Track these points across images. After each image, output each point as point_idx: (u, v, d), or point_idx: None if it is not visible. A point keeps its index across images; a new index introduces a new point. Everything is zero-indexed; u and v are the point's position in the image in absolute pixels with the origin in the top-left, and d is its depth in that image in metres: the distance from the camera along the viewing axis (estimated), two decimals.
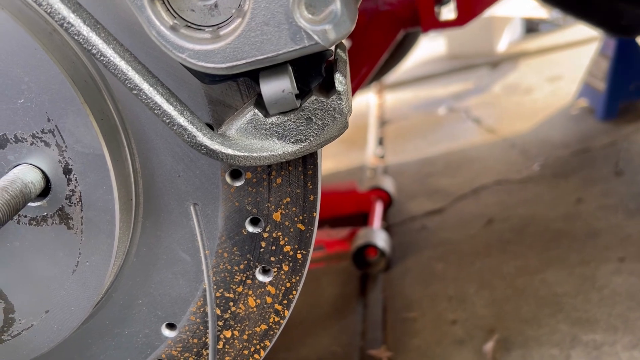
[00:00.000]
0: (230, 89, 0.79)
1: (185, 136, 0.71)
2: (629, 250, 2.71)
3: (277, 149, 0.75)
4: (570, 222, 3.06)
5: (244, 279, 0.91)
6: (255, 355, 0.95)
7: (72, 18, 0.65)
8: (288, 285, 0.91)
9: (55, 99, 0.75)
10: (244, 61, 0.67)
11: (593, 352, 2.22)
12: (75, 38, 0.66)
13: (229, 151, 0.73)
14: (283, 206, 0.86)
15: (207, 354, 0.95)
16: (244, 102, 0.80)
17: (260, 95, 0.73)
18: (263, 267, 0.91)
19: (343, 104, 0.73)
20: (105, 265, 0.82)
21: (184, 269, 0.91)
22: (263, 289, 0.91)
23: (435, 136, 4.75)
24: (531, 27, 6.96)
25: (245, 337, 0.94)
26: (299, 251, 0.89)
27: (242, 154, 0.73)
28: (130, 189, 0.83)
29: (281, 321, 0.92)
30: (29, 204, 0.80)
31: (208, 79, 0.73)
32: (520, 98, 5.11)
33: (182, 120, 0.71)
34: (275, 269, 0.90)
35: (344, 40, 0.72)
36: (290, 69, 0.71)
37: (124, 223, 0.82)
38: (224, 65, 0.67)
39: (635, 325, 2.30)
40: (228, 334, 0.94)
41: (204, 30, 0.69)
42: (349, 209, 3.45)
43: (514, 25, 6.80)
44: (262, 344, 0.95)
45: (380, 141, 4.95)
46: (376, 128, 5.24)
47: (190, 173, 0.85)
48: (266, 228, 0.88)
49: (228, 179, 0.85)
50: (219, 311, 0.92)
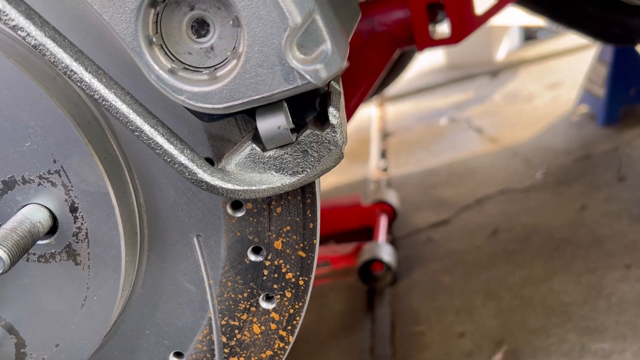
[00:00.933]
0: (228, 124, 0.82)
1: (187, 174, 0.74)
2: (635, 256, 2.72)
3: (276, 181, 0.77)
4: (574, 230, 3.07)
5: (248, 306, 0.93)
6: None
7: (75, 66, 0.68)
8: (291, 311, 0.93)
9: (60, 141, 0.78)
10: (240, 101, 0.69)
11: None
12: (78, 85, 0.69)
13: (229, 186, 0.75)
14: (284, 234, 0.88)
15: None
16: (242, 136, 0.82)
17: (257, 129, 0.76)
18: (266, 295, 0.93)
19: (337, 136, 0.76)
20: (112, 299, 0.85)
21: (190, 298, 0.93)
22: (267, 316, 0.93)
23: (438, 147, 4.77)
24: (529, 35, 7.00)
25: None
26: (300, 278, 0.91)
27: (242, 188, 0.76)
28: (135, 224, 0.85)
29: (286, 347, 0.94)
30: (38, 242, 0.82)
31: (207, 117, 0.76)
32: (521, 106, 5.13)
33: (183, 158, 0.74)
34: (279, 296, 0.92)
35: None
36: (285, 105, 0.73)
37: (129, 257, 0.85)
38: (221, 106, 0.70)
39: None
40: None
41: (201, 72, 0.72)
42: (354, 224, 3.46)
43: (512, 33, 6.84)
44: None
45: (383, 154, 4.97)
46: (378, 141, 5.27)
47: (193, 206, 0.88)
48: (268, 256, 0.90)
49: (229, 210, 0.88)
50: (224, 339, 0.94)
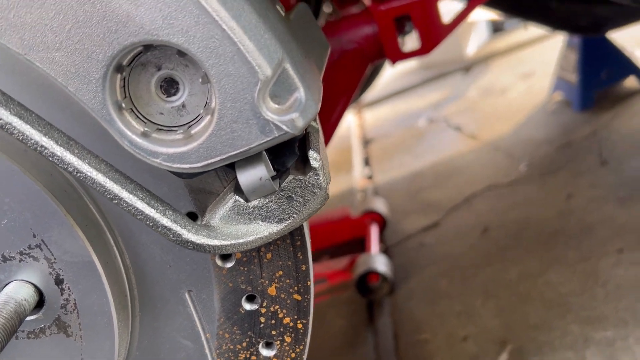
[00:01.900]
0: (208, 177, 0.80)
1: (171, 236, 0.72)
2: (626, 240, 2.73)
3: (263, 231, 0.76)
4: (564, 220, 3.08)
5: (248, 356, 0.91)
6: None
7: (45, 141, 0.66)
8: (293, 355, 0.91)
9: (38, 214, 0.75)
10: (218, 158, 0.68)
11: (607, 350, 2.23)
12: (50, 159, 0.67)
13: (216, 242, 0.74)
14: (277, 280, 0.87)
15: None
16: (224, 186, 0.81)
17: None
18: (266, 342, 0.91)
19: (321, 179, 0.74)
20: None
21: (188, 355, 0.91)
22: None
23: (420, 149, 4.78)
24: (497, 27, 7.06)
25: None
26: (299, 321, 0.89)
27: (229, 242, 0.74)
28: (124, 287, 0.83)
29: None
30: (26, 319, 0.80)
31: (185, 174, 0.74)
32: (496, 99, 5.17)
33: (166, 221, 0.72)
34: (278, 342, 0.90)
35: None
36: (264, 155, 0.72)
37: (121, 322, 0.82)
38: (199, 165, 0.68)
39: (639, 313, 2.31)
40: None
41: (175, 131, 0.71)
42: (345, 237, 3.45)
43: (480, 27, 6.90)
44: None
45: (366, 161, 4.97)
46: (360, 149, 5.27)
47: (181, 262, 0.86)
48: (263, 303, 0.88)
49: (219, 262, 0.86)
50: None
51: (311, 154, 0.74)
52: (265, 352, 0.91)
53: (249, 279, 0.87)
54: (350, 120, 6.07)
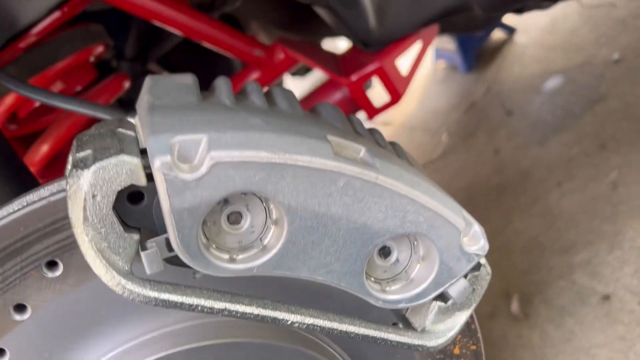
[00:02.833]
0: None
1: (414, 348, 1.02)
2: (558, 173, 3.29)
3: (461, 319, 1.08)
4: (501, 173, 3.61)
5: None
6: None
7: (320, 321, 0.94)
8: None
9: None
10: (442, 289, 0.99)
11: (588, 269, 2.75)
12: (319, 331, 0.95)
13: (440, 341, 1.05)
14: (458, 341, 1.19)
15: None
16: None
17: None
18: None
19: (488, 269, 1.08)
20: None
21: None
22: None
23: None
24: None
25: None
26: None
27: (447, 337, 1.06)
28: None
29: None
30: None
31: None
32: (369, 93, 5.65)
33: (410, 339, 1.02)
34: None
35: None
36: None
37: None
38: (428, 299, 0.99)
39: (602, 231, 2.86)
40: None
41: (400, 279, 1.01)
42: None
43: None
44: None
45: None
46: None
47: (394, 358, 1.16)
48: None
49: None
50: None
51: (483, 262, 1.07)
52: None
53: (442, 350, 1.19)
54: None
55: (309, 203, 0.86)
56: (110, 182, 0.80)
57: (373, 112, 2.13)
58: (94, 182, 0.79)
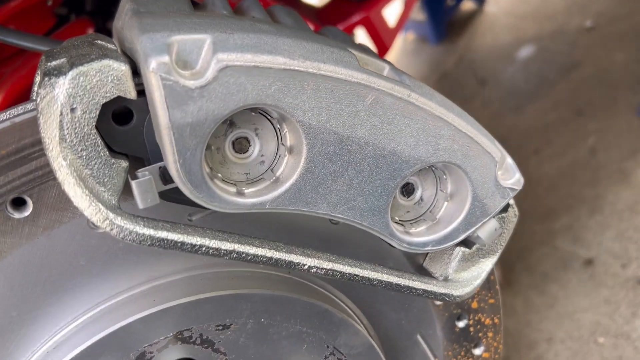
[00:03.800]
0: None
1: (432, 296, 0.91)
2: (535, 140, 3.24)
3: (487, 266, 0.97)
4: None
5: None
6: None
7: (327, 264, 0.81)
8: (495, 344, 1.14)
9: (328, 328, 0.90)
10: (474, 227, 0.87)
11: (570, 234, 2.71)
12: (327, 276, 0.82)
13: (468, 289, 0.93)
14: (476, 295, 1.08)
15: None
16: None
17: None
18: (475, 344, 1.13)
19: (516, 210, 0.97)
20: None
21: None
22: (480, 358, 1.14)
23: None
24: None
25: None
26: (495, 317, 1.12)
27: (471, 288, 0.94)
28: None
29: None
30: None
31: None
32: None
33: (431, 286, 0.90)
34: (484, 340, 1.13)
35: None
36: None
37: None
38: (455, 241, 0.88)
39: (582, 196, 2.82)
40: None
41: (424, 220, 0.89)
42: None
43: None
44: None
45: None
46: None
47: (410, 314, 1.04)
48: (470, 317, 1.10)
49: (437, 302, 1.05)
50: None
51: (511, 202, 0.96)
52: (477, 352, 1.13)
53: (458, 303, 1.07)
54: None
55: (332, 123, 0.72)
56: (93, 92, 0.64)
57: None
58: (73, 92, 0.63)
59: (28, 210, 0.74)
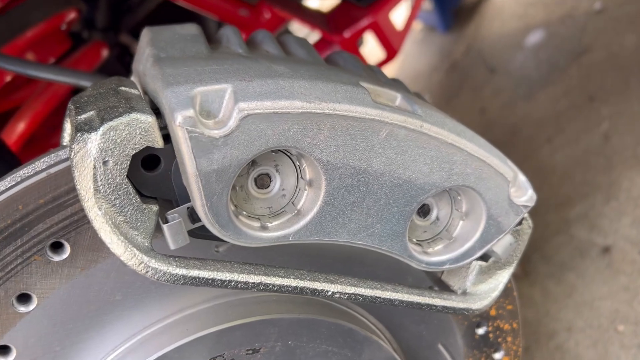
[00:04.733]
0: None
1: (450, 311, 0.94)
2: (547, 129, 3.24)
3: (503, 277, 1.00)
4: (490, 132, 3.55)
5: None
6: None
7: (358, 290, 0.85)
8: (514, 348, 1.18)
9: (352, 345, 0.94)
10: (489, 245, 0.90)
11: (585, 222, 2.72)
12: (351, 300, 0.86)
13: (486, 302, 0.97)
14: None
15: None
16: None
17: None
18: (495, 349, 1.16)
19: (530, 223, 1.00)
20: None
21: None
22: None
23: None
24: None
25: None
26: (513, 323, 1.15)
27: (490, 300, 0.98)
28: None
29: None
30: None
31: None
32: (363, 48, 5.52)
33: (449, 302, 0.94)
34: (504, 344, 1.16)
35: None
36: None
37: None
38: (470, 259, 0.91)
39: (597, 184, 2.82)
40: None
41: (441, 239, 0.92)
42: None
43: None
44: None
45: None
46: None
47: (430, 325, 1.08)
48: (489, 324, 1.13)
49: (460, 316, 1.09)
50: None
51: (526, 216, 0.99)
52: (497, 356, 1.17)
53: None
54: None
55: (349, 158, 0.75)
56: (123, 145, 0.68)
57: None
58: (104, 146, 0.67)
59: (66, 253, 0.78)
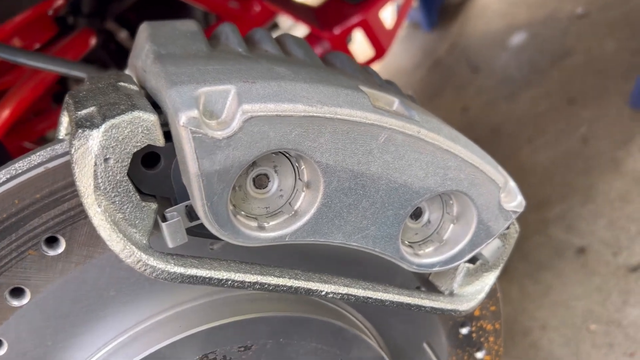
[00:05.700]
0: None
1: (438, 312, 0.96)
2: (528, 128, 3.29)
3: (490, 279, 1.02)
4: (471, 129, 3.59)
5: None
6: None
7: (344, 289, 0.86)
8: (496, 347, 1.21)
9: (342, 344, 0.95)
10: (478, 249, 0.92)
11: (563, 222, 2.77)
12: (340, 299, 0.87)
13: (472, 304, 0.99)
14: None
15: None
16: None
17: None
18: (477, 348, 1.19)
19: (517, 227, 1.02)
20: None
21: None
22: None
23: None
24: None
25: None
26: (496, 323, 1.18)
27: (476, 302, 1.00)
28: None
29: None
30: None
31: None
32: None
33: (435, 303, 0.96)
34: (486, 344, 1.19)
35: None
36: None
37: None
38: (461, 261, 0.93)
39: (575, 186, 2.88)
40: None
41: (432, 242, 0.94)
42: None
43: None
44: None
45: None
46: None
47: (416, 325, 1.10)
48: (472, 324, 1.16)
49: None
50: None
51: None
52: (479, 355, 1.20)
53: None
54: None
55: (348, 162, 0.76)
56: (125, 143, 0.68)
57: None
58: (106, 144, 0.67)
59: (61, 248, 0.78)
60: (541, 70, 3.58)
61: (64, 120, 0.83)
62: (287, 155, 0.78)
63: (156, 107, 0.72)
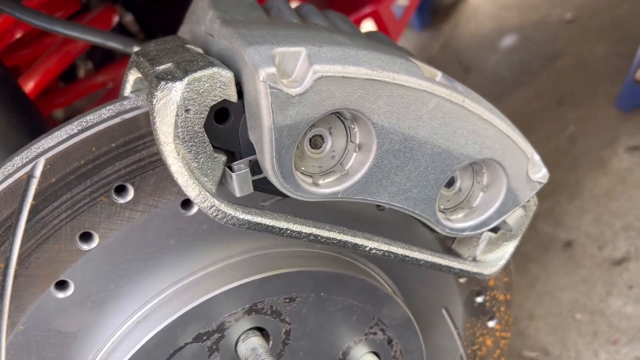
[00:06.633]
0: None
1: (465, 274, 1.03)
2: (519, 127, 3.39)
3: (509, 249, 1.10)
4: None
5: (481, 332, 1.27)
6: None
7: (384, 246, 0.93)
8: (506, 317, 1.29)
9: (375, 302, 1.02)
10: (506, 215, 1.00)
11: (551, 217, 2.88)
12: (380, 255, 0.94)
13: (495, 269, 1.06)
14: None
15: None
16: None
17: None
18: (490, 317, 1.27)
19: (536, 200, 1.10)
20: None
21: (446, 350, 1.24)
22: (493, 331, 1.28)
23: None
24: None
25: None
26: (507, 294, 1.26)
27: (497, 268, 1.07)
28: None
29: (507, 339, 1.30)
30: None
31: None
32: None
33: (459, 265, 1.03)
34: (497, 313, 1.27)
35: None
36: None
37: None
38: (486, 228, 1.00)
39: (563, 182, 2.99)
40: None
41: (462, 209, 1.01)
42: None
43: None
44: None
45: None
46: None
47: (437, 291, 1.17)
48: (487, 294, 1.23)
49: (461, 280, 1.18)
50: None
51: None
52: (490, 324, 1.27)
53: (478, 281, 1.21)
54: None
55: (400, 125, 0.83)
56: (204, 96, 0.73)
57: None
58: (188, 95, 0.72)
59: (130, 196, 0.83)
60: (531, 72, 3.69)
61: (131, 78, 0.88)
62: (342, 117, 0.85)
63: None
